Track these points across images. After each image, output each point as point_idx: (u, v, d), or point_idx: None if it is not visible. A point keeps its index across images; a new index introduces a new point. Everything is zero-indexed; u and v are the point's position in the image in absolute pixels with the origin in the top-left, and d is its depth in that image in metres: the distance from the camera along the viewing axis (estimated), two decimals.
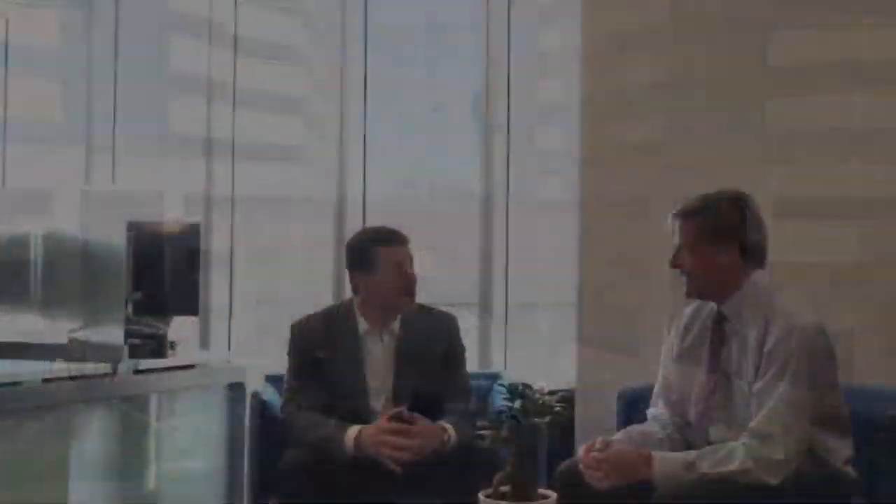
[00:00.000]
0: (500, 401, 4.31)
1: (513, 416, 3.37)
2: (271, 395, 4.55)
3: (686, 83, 4.74)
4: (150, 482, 4.50)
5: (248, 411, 4.58)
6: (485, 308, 5.66)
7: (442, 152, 6.47)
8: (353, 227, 5.72)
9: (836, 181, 4.46)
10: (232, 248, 6.36)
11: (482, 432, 3.35)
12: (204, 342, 6.16)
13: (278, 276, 6.40)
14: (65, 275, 4.38)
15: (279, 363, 4.45)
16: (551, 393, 3.48)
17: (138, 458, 4.48)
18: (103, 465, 4.23)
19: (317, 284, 6.06)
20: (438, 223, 5.98)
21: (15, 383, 3.72)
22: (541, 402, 3.40)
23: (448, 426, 4.05)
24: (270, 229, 6.44)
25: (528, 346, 5.74)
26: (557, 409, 3.40)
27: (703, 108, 4.70)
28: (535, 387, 3.54)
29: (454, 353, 4.36)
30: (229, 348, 6.24)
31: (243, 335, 6.34)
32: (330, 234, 6.06)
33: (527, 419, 3.36)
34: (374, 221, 5.52)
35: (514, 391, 3.43)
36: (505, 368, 5.48)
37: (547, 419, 3.37)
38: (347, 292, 5.57)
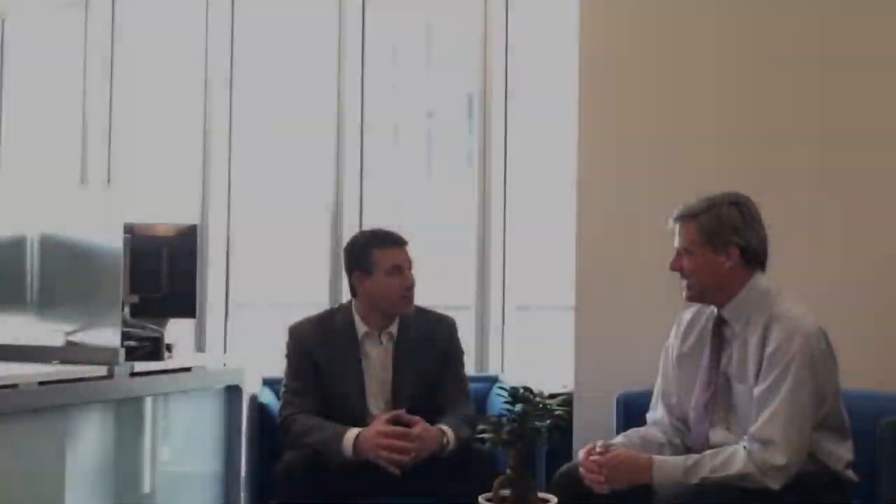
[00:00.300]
0: (499, 404, 4.29)
1: (514, 420, 3.36)
2: (268, 398, 4.53)
3: (687, 87, 4.73)
4: (147, 485, 4.46)
5: (245, 414, 4.55)
6: (481, 311, 5.62)
7: (438, 155, 6.46)
8: (350, 229, 5.77)
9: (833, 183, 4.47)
10: (228, 250, 6.34)
11: (483, 436, 3.34)
12: (199, 345, 6.14)
13: (274, 279, 6.36)
14: (61, 277, 4.32)
15: (276, 366, 4.43)
16: (552, 396, 3.47)
17: (135, 462, 4.43)
18: (99, 468, 4.18)
19: (313, 287, 6.03)
20: (434, 225, 5.96)
21: (10, 386, 3.64)
22: (541, 405, 3.38)
23: (447, 429, 4.03)
24: (266, 231, 6.40)
25: (525, 350, 5.71)
26: (558, 412, 3.39)
27: (705, 110, 4.68)
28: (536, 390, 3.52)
29: (453, 355, 4.35)
30: (225, 351, 6.22)
31: (239, 338, 6.31)
32: (326, 235, 6.03)
33: (528, 422, 3.35)
34: (370, 224, 5.54)
35: (515, 394, 3.41)
36: (502, 371, 5.45)
37: (548, 423, 3.36)
38: (344, 295, 5.58)
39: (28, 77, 6.95)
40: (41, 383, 3.78)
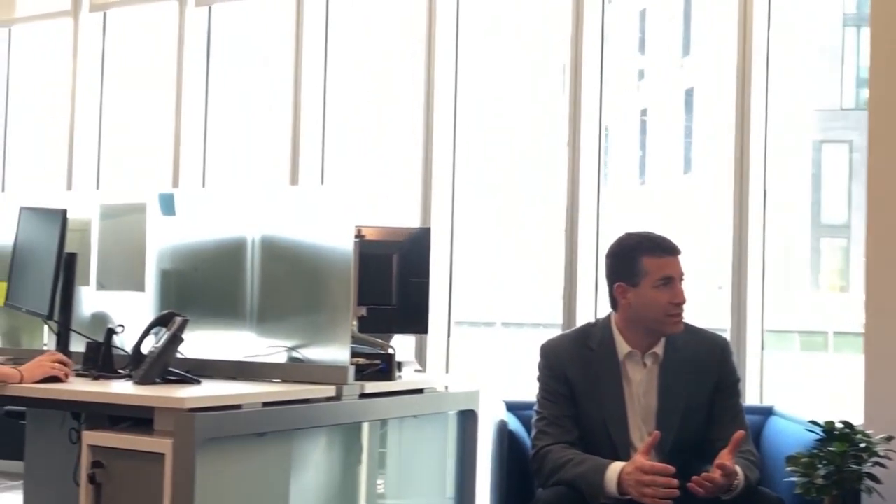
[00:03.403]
0: (779, 440, 3.83)
1: (829, 461, 2.84)
2: (515, 425, 4.07)
3: None
4: None
5: (491, 442, 4.09)
6: (737, 334, 5.06)
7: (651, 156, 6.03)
8: (587, 234, 5.42)
9: None
10: (451, 259, 5.92)
11: (793, 479, 2.83)
12: (420, 363, 5.74)
13: (497, 290, 5.94)
14: (283, 285, 3.98)
15: (513, 389, 3.99)
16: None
17: (360, 492, 4.07)
18: (324, 499, 3.82)
19: (544, 300, 5.57)
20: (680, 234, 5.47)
21: (233, 407, 3.35)
22: (864, 445, 2.86)
23: (738, 469, 3.48)
24: (493, 238, 6.00)
25: (784, 377, 5.15)
26: (882, 453, 2.87)
27: None
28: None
29: (727, 382, 3.78)
30: (447, 371, 5.81)
31: (462, 355, 5.90)
32: (560, 241, 5.56)
33: (846, 465, 2.83)
34: (608, 229, 5.22)
35: (831, 431, 2.89)
36: (761, 401, 4.90)
37: (870, 465, 2.84)
38: (579, 313, 5.13)
39: (239, 77, 6.75)
40: (265, 404, 3.48)
